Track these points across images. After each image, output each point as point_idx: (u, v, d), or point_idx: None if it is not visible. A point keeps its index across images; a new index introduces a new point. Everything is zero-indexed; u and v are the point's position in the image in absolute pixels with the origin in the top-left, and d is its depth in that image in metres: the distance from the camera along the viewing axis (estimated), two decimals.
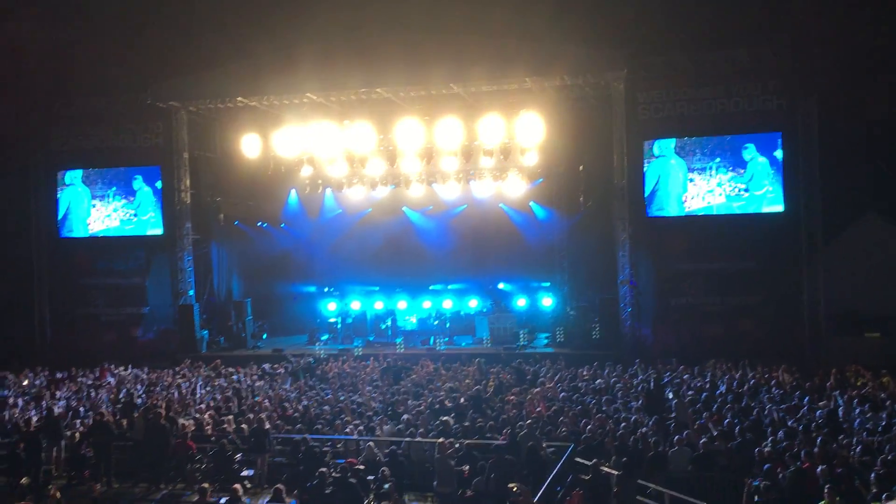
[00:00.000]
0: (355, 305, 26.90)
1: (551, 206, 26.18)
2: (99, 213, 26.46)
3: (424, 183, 26.35)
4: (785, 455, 11.34)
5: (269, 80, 22.72)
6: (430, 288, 27.39)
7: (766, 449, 11.66)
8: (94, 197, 26.49)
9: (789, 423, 13.10)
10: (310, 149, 24.59)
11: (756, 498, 10.31)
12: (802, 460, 11.02)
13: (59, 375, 20.71)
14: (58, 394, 18.26)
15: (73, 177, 26.59)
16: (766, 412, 14.05)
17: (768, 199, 21.98)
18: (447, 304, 26.46)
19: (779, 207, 21.90)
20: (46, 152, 26.62)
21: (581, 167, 24.82)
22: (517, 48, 21.61)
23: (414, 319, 26.03)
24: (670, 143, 22.69)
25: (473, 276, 27.10)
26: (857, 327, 21.55)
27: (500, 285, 27.01)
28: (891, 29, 20.25)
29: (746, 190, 22.14)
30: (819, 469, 10.46)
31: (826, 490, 9.65)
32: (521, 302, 26.07)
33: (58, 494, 11.04)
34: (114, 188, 26.35)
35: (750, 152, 22.12)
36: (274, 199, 27.75)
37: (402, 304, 26.70)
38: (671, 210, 22.75)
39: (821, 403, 14.45)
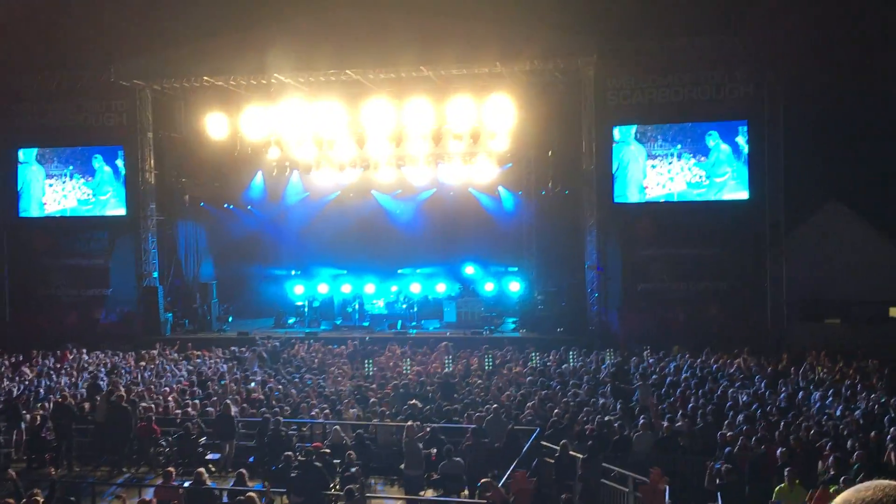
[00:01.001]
0: (322, 289, 26.73)
1: (520, 191, 26.22)
2: (56, 192, 25.89)
3: (393, 166, 26.22)
4: (746, 438, 11.53)
5: (236, 59, 22.37)
6: (399, 272, 27.33)
7: (728, 433, 11.85)
8: (51, 176, 25.91)
9: (751, 408, 13.32)
10: (277, 130, 24.32)
11: (718, 480, 10.49)
12: (763, 443, 11.22)
13: (19, 357, 20.34)
14: (17, 376, 17.94)
15: (32, 155, 26.01)
16: (728, 396, 14.26)
17: (730, 186, 22.23)
18: (415, 288, 26.42)
19: (743, 194, 22.16)
20: (6, 129, 25.97)
21: (550, 152, 24.84)
22: (488, 32, 21.54)
23: (381, 303, 25.97)
24: (630, 129, 22.82)
25: (442, 260, 27.10)
26: (819, 314, 21.96)
27: (469, 269, 27.02)
28: (857, 19, 20.50)
29: (708, 177, 22.37)
30: (779, 451, 10.66)
31: (786, 472, 9.84)
32: (488, 286, 26.13)
33: (16, 476, 10.87)
34: (71, 167, 25.79)
35: (713, 139, 22.33)
36: (240, 181, 27.40)
37: (369, 288, 26.61)
38: (632, 196, 22.91)
39: (781, 388, 14.71)
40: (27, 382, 17.20)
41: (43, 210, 26.03)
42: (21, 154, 26.01)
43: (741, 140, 22.10)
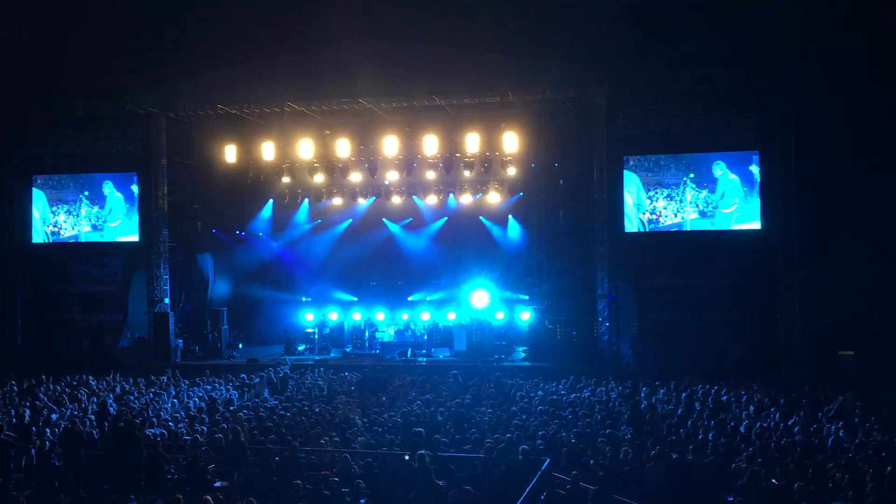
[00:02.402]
0: (333, 316, 26.74)
1: (531, 220, 26.23)
2: (70, 218, 26.08)
3: (404, 195, 26.36)
4: (760, 471, 11.36)
5: (249, 88, 22.63)
6: (409, 299, 27.32)
7: (741, 465, 11.68)
8: (65, 202, 26.10)
9: (764, 440, 13.15)
10: (289, 158, 24.49)
11: None
12: (777, 476, 11.06)
13: (31, 382, 20.33)
14: (28, 402, 17.92)
15: (47, 181, 26.27)
16: (740, 428, 14.09)
17: (738, 216, 22.20)
18: (425, 316, 26.37)
19: (755, 225, 22.11)
20: (22, 156, 26.25)
21: (561, 181, 24.90)
22: (499, 61, 21.72)
23: (392, 331, 25.92)
24: (631, 159, 22.89)
25: (452, 288, 27.07)
26: (832, 345, 21.74)
27: (479, 297, 26.95)
28: (872, 47, 20.54)
29: (715, 207, 22.35)
30: (795, 486, 10.50)
31: None
32: (499, 315, 26.04)
33: (25, 503, 10.81)
34: (86, 193, 25.99)
35: (720, 168, 22.35)
36: (252, 208, 27.61)
37: (380, 316, 26.59)
38: (643, 226, 22.89)
39: (795, 420, 14.53)
40: (38, 408, 17.17)
41: (56, 236, 26.22)
42: (40, 180, 26.27)
43: (753, 170, 22.09)
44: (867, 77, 20.82)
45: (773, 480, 10.95)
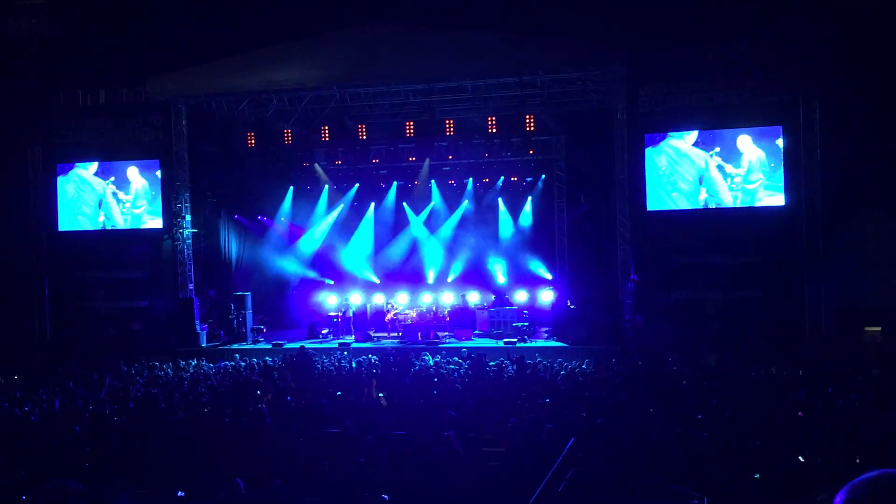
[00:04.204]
0: (355, 299, 26.87)
1: (552, 201, 26.17)
2: (96, 206, 26.43)
3: (425, 179, 26.40)
4: (785, 449, 11.30)
5: (269, 72, 22.61)
6: (430, 282, 27.38)
7: (767, 443, 11.62)
8: (91, 190, 26.46)
9: (789, 418, 13.07)
10: (310, 143, 24.51)
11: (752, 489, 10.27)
12: (801, 454, 10.99)
13: (58, 370, 20.65)
14: (59, 388, 18.19)
15: (71, 169, 26.56)
16: (766, 407, 14.01)
17: (763, 192, 21.96)
18: (447, 297, 26.43)
19: (780, 200, 21.87)
20: (45, 145, 26.56)
21: (581, 162, 24.76)
22: (518, 42, 21.55)
23: (414, 314, 26.01)
24: (671, 136, 22.66)
25: (474, 270, 27.10)
26: (858, 322, 21.51)
27: (501, 278, 26.98)
28: (891, 18, 20.11)
29: (741, 183, 22.12)
30: (820, 463, 10.43)
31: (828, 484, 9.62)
32: (521, 296, 26.05)
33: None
34: (110, 180, 26.30)
35: (744, 144, 22.09)
36: (274, 194, 27.72)
37: (402, 298, 26.69)
38: (669, 204, 22.74)
39: (820, 398, 14.41)
40: (68, 394, 17.42)
41: (81, 224, 26.51)
42: (64, 169, 26.56)
43: (779, 144, 21.83)
44: (894, 48, 20.41)
45: (800, 458, 10.89)
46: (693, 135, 22.47)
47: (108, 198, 26.33)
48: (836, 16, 20.76)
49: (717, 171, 22.30)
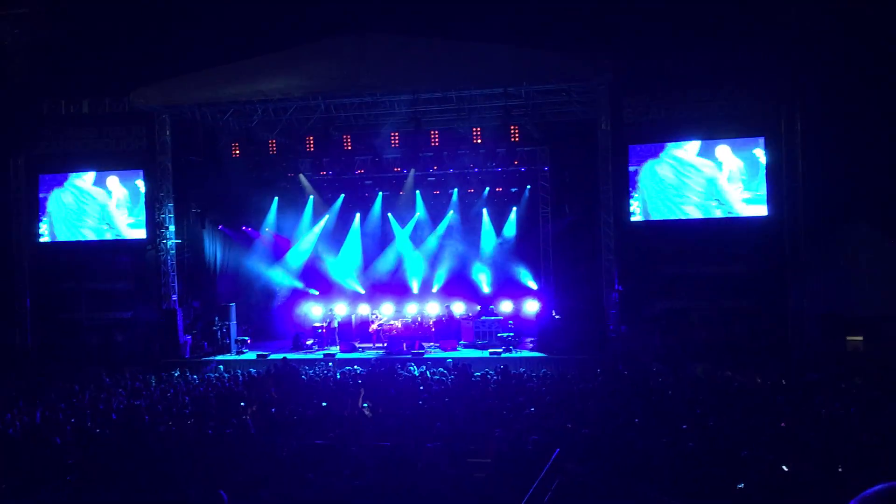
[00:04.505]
0: (340, 310, 26.80)
1: (536, 211, 26.25)
2: (78, 217, 26.25)
3: (410, 190, 26.41)
4: (771, 458, 11.34)
5: (254, 83, 22.56)
6: (415, 292, 27.36)
7: (753, 452, 11.65)
8: (73, 201, 26.27)
9: (774, 426, 13.12)
10: (295, 153, 24.46)
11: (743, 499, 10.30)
12: (788, 461, 11.03)
13: (41, 381, 20.43)
14: (40, 401, 18.00)
15: (53, 180, 26.38)
16: (751, 415, 14.06)
17: (744, 202, 22.14)
18: (432, 308, 26.41)
19: (763, 210, 22.04)
20: (28, 155, 26.38)
21: (566, 173, 24.87)
22: (501, 52, 21.63)
23: (399, 324, 25.96)
24: (671, 146, 22.82)
25: (459, 281, 27.10)
26: (841, 331, 21.68)
27: (486, 289, 27.00)
28: (886, 27, 20.34)
29: (721, 193, 22.30)
30: (806, 472, 10.47)
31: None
32: (506, 306, 26.06)
33: None
34: (93, 191, 26.14)
35: (724, 154, 22.29)
36: (259, 204, 27.63)
37: (387, 309, 26.64)
38: (648, 215, 22.88)
39: (805, 406, 14.49)
40: (50, 406, 17.24)
41: (63, 235, 26.32)
42: (42, 179, 26.36)
43: (760, 154, 22.02)
44: (876, 59, 20.65)
45: (784, 467, 10.92)
46: (695, 144, 22.62)
47: (87, 208, 26.15)
48: (818, 26, 20.99)
49: (697, 181, 22.46)
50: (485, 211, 27.01)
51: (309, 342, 25.34)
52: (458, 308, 26.42)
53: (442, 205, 27.37)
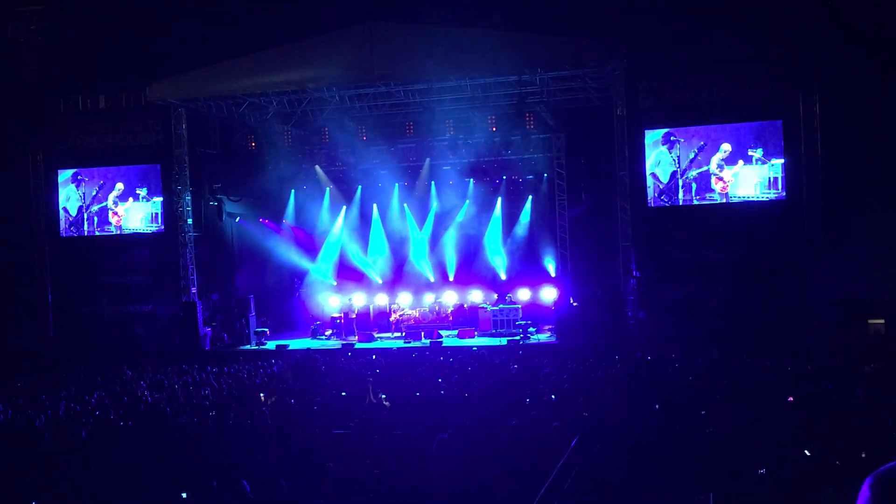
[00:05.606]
0: (358, 300, 26.88)
1: (552, 199, 26.15)
2: (99, 211, 26.48)
3: (425, 180, 26.41)
4: (790, 443, 11.30)
5: (269, 75, 22.59)
6: (432, 281, 27.39)
7: (770, 438, 11.61)
8: (93, 195, 26.50)
9: (791, 412, 13.07)
10: (311, 144, 24.52)
11: (760, 487, 10.27)
12: (807, 448, 10.98)
13: (64, 374, 20.66)
14: (62, 394, 18.22)
15: (72, 175, 26.60)
16: (769, 401, 14.00)
17: (764, 186, 21.97)
18: (450, 297, 26.44)
19: (780, 195, 21.87)
20: (47, 151, 26.62)
21: (582, 159, 24.76)
22: (517, 39, 21.53)
23: (417, 313, 26.03)
24: (661, 132, 22.67)
25: (476, 269, 27.10)
26: (862, 314, 21.51)
27: (503, 276, 27.00)
28: (891, 11, 20.08)
29: (739, 178, 22.14)
30: (826, 457, 10.42)
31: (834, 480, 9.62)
32: (524, 294, 26.05)
33: None
34: (114, 185, 26.35)
35: (742, 139, 22.11)
36: (276, 197, 27.72)
37: (404, 299, 26.70)
38: (671, 200, 22.74)
39: (823, 391, 14.41)
40: (72, 400, 17.44)
41: (83, 229, 26.56)
42: (66, 174, 26.61)
43: (778, 140, 21.82)
44: (893, 42, 20.39)
45: (806, 452, 10.88)
46: (692, 130, 22.47)
47: (108, 202, 26.37)
48: (836, 9, 20.74)
49: (716, 166, 22.30)
50: (500, 199, 26.95)
51: (327, 332, 25.47)
52: (476, 297, 26.44)
53: (458, 194, 27.33)
